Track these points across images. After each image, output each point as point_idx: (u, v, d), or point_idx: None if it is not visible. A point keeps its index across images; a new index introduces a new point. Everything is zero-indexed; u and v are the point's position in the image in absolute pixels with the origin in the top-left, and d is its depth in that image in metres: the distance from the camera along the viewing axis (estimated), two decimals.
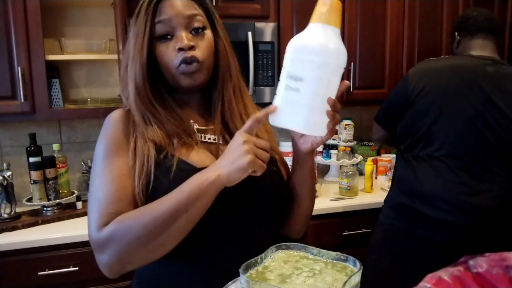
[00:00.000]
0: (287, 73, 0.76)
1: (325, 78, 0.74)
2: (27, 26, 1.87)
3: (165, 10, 0.88)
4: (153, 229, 0.77)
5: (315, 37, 0.74)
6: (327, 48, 0.73)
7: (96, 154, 0.90)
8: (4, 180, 1.88)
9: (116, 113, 0.94)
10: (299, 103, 0.75)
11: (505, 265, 0.57)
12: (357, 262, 0.68)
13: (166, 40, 0.89)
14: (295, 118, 0.77)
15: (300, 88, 0.74)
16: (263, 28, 2.18)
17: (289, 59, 0.76)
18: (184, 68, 0.87)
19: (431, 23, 2.49)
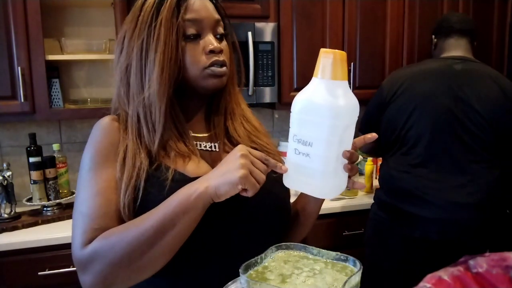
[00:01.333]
0: (293, 136, 0.70)
1: (337, 140, 0.68)
2: (27, 26, 1.87)
3: (196, 10, 0.84)
4: (138, 247, 0.72)
5: (321, 97, 0.67)
6: (336, 109, 0.66)
7: (82, 164, 0.85)
8: (4, 180, 1.88)
9: (105, 120, 0.89)
10: (311, 169, 0.70)
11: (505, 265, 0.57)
12: (357, 262, 0.68)
13: (194, 39, 0.85)
14: (309, 182, 0.72)
15: (310, 153, 0.69)
16: (263, 28, 2.18)
17: (295, 120, 0.70)
18: (215, 69, 0.85)
19: (431, 23, 2.47)
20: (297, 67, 2.29)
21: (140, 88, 0.84)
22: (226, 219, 0.83)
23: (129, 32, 0.86)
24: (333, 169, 0.70)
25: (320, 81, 0.68)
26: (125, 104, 0.88)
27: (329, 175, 0.70)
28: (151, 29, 0.82)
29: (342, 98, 0.67)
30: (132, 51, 0.85)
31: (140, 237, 0.72)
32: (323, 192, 0.72)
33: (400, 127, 1.75)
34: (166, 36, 0.82)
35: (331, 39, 2.33)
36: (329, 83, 0.67)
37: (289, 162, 0.72)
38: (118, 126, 0.87)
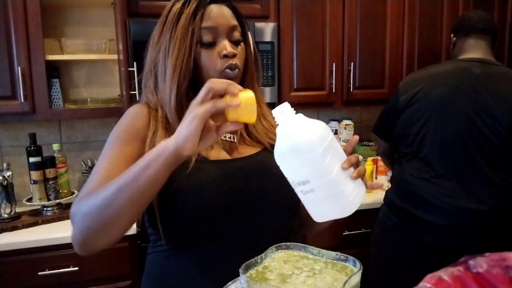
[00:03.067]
0: (292, 182, 0.73)
1: (326, 162, 0.69)
2: (27, 26, 1.87)
3: (213, 17, 0.90)
4: (104, 199, 0.76)
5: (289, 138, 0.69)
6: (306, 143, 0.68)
7: (108, 139, 0.93)
8: (4, 180, 1.88)
9: (136, 107, 0.97)
10: (324, 199, 0.72)
11: (505, 265, 0.57)
12: (357, 262, 0.68)
13: (210, 46, 0.91)
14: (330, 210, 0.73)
15: (313, 187, 0.71)
16: (263, 28, 2.18)
17: (284, 169, 0.73)
18: (228, 73, 0.90)
19: (431, 23, 2.49)
20: (297, 67, 2.28)
21: (163, 87, 0.93)
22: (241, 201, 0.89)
23: (156, 35, 0.95)
24: (342, 186, 0.71)
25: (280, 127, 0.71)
26: (153, 96, 0.96)
27: (342, 193, 0.71)
28: (171, 35, 0.91)
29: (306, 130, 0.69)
30: (158, 54, 0.94)
31: (108, 190, 0.76)
32: (347, 209, 0.73)
33: (416, 132, 1.70)
34: (181, 43, 0.89)
35: (331, 39, 2.33)
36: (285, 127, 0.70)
37: (305, 203, 0.75)
38: (148, 112, 0.95)
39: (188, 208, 0.86)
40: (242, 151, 0.98)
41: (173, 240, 0.90)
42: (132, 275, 1.87)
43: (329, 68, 2.34)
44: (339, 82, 2.37)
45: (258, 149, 0.99)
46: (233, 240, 0.89)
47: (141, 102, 1.00)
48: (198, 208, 0.86)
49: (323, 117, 2.72)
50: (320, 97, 2.33)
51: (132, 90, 1.92)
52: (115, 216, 0.76)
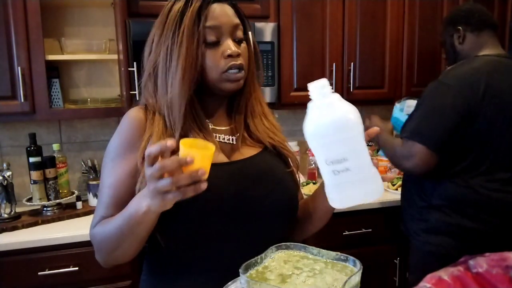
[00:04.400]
0: (325, 160, 0.72)
1: (363, 145, 0.72)
2: (27, 26, 1.87)
3: (216, 17, 0.89)
4: (110, 242, 0.86)
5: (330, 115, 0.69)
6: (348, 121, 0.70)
7: (107, 151, 0.94)
8: (4, 180, 1.88)
9: (134, 111, 0.96)
10: (356, 180, 0.73)
11: (505, 265, 0.57)
12: (357, 262, 0.68)
13: (214, 45, 0.90)
14: (357, 193, 0.74)
15: (348, 167, 0.71)
16: (263, 28, 2.18)
17: (318, 148, 0.72)
18: (232, 73, 0.90)
19: (431, 23, 2.49)
20: (297, 67, 2.28)
21: (165, 89, 0.91)
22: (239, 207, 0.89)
23: (156, 36, 0.92)
24: (373, 170, 0.73)
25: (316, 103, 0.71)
26: (152, 99, 0.94)
27: (373, 177, 0.73)
28: (175, 36, 0.89)
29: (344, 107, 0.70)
30: (158, 55, 0.91)
31: (111, 235, 0.85)
32: (375, 193, 0.74)
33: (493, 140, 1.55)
34: (188, 44, 0.88)
35: (331, 39, 2.33)
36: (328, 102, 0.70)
37: (332, 185, 0.75)
38: (144, 117, 0.94)
39: (184, 211, 0.84)
40: (243, 152, 0.97)
41: (171, 241, 0.90)
42: (132, 275, 1.87)
43: (329, 68, 2.34)
44: (339, 82, 2.37)
45: (258, 149, 0.99)
46: (231, 243, 0.89)
47: (140, 103, 0.99)
48: (194, 212, 0.85)
49: None
50: None
51: (132, 90, 1.92)
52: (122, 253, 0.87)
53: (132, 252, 0.87)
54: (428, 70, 2.52)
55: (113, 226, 0.84)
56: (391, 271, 2.28)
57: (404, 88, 2.50)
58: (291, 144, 2.47)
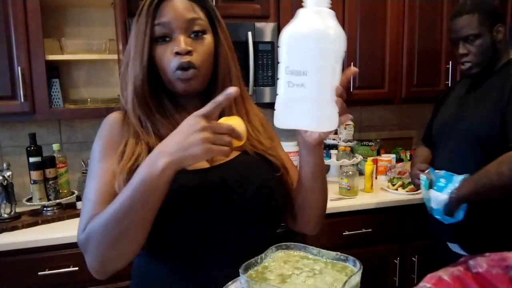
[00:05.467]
0: (286, 68, 0.69)
1: (330, 67, 0.67)
2: (27, 26, 1.87)
3: (165, 12, 0.86)
4: (113, 227, 0.76)
5: (310, 22, 0.67)
6: (326, 31, 0.66)
7: (91, 156, 0.92)
8: (4, 180, 1.88)
9: (113, 115, 0.94)
10: (307, 99, 0.68)
11: (505, 265, 0.57)
12: (357, 262, 0.68)
13: (165, 42, 0.87)
14: (304, 116, 0.70)
15: (304, 82, 0.67)
16: (263, 28, 2.18)
17: (285, 52, 0.69)
18: (179, 73, 0.86)
19: (431, 23, 2.49)
20: None
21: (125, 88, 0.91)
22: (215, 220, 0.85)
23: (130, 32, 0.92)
24: (329, 97, 0.69)
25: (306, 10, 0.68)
26: (125, 102, 0.92)
27: (325, 103, 0.69)
28: (131, 37, 0.89)
29: (330, 21, 0.67)
30: (127, 55, 0.91)
31: (115, 218, 0.76)
32: (320, 123, 0.70)
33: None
34: (137, 43, 0.87)
35: None
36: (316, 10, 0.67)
37: (282, 98, 0.70)
38: (122, 121, 0.92)
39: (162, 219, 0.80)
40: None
41: (152, 248, 0.86)
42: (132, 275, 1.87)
43: None
44: None
45: (237, 153, 0.93)
46: (213, 249, 0.85)
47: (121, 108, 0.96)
48: (174, 220, 0.82)
49: None
50: None
51: None
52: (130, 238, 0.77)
53: (143, 231, 0.78)
54: (428, 70, 2.52)
55: (116, 207, 0.75)
56: (391, 271, 2.28)
57: (404, 88, 2.50)
58: (291, 144, 2.47)
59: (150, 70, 0.89)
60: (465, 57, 1.63)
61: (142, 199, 0.74)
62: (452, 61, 2.52)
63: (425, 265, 2.28)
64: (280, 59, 0.70)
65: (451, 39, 1.70)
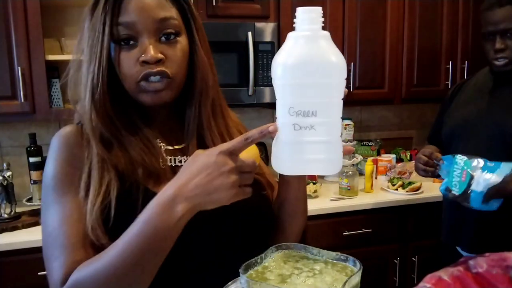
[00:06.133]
0: (289, 109, 0.58)
1: (338, 102, 0.60)
2: (27, 26, 1.87)
3: (130, 9, 0.71)
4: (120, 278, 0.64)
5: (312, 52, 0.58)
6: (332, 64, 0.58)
7: (44, 178, 0.76)
8: (4, 180, 1.88)
9: (66, 130, 0.78)
10: (317, 142, 0.60)
11: (505, 265, 0.57)
12: (357, 262, 0.68)
13: (128, 46, 0.72)
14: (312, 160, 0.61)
15: (314, 124, 0.58)
16: (263, 28, 2.18)
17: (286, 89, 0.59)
18: (144, 85, 0.72)
19: (431, 23, 2.49)
20: None
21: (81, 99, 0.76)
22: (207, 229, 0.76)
23: (78, 37, 0.77)
24: (338, 136, 0.61)
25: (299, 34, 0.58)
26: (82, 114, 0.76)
27: (335, 144, 0.61)
28: (85, 32, 0.74)
29: (331, 48, 0.58)
30: (76, 52, 0.77)
31: (120, 269, 0.63)
32: (329, 167, 0.62)
33: None
34: (94, 43, 0.72)
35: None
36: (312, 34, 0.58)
37: (287, 144, 0.60)
38: (80, 138, 0.76)
39: None
40: None
41: None
42: None
43: None
44: None
45: None
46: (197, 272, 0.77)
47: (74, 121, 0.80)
48: None
49: None
50: None
51: None
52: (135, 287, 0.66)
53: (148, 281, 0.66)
54: (428, 70, 2.52)
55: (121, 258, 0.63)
56: (391, 271, 2.28)
57: (404, 88, 2.50)
58: None
59: (111, 75, 0.74)
60: (502, 53, 1.48)
61: (155, 249, 0.63)
62: (452, 61, 2.52)
63: (425, 265, 2.28)
64: (277, 95, 0.60)
65: (485, 32, 1.52)
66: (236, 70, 2.17)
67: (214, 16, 2.13)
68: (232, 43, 2.13)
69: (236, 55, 2.15)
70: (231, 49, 2.14)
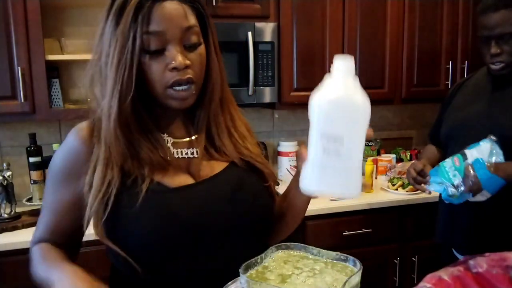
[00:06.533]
0: (322, 134, 0.68)
1: (362, 136, 0.69)
2: (27, 26, 1.87)
3: (158, 19, 0.75)
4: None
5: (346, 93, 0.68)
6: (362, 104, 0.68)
7: (50, 168, 0.86)
8: (4, 180, 1.88)
9: (82, 125, 0.85)
10: (341, 167, 0.68)
11: (505, 265, 0.57)
12: (357, 262, 0.68)
13: (158, 54, 0.77)
14: (335, 183, 0.69)
15: (340, 151, 0.67)
16: (263, 28, 2.18)
17: (324, 117, 0.68)
18: (176, 93, 0.78)
19: (431, 23, 2.49)
20: (297, 67, 2.28)
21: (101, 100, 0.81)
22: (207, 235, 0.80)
23: (100, 30, 0.80)
24: (359, 165, 0.70)
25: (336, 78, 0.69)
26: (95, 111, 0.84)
27: (356, 170, 0.69)
28: (111, 38, 0.76)
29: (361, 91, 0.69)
30: (98, 60, 0.80)
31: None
32: (349, 191, 0.70)
33: None
34: (121, 52, 0.75)
35: (331, 39, 2.33)
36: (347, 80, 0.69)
37: (315, 163, 0.69)
38: (90, 137, 0.82)
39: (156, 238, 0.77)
40: (208, 168, 0.86)
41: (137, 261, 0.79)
42: None
43: (329, 68, 2.33)
44: None
45: (225, 164, 0.87)
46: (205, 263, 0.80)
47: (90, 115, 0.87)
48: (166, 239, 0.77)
49: None
50: None
51: None
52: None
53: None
54: (428, 70, 2.52)
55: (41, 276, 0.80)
56: (391, 271, 2.28)
57: (404, 88, 2.50)
58: (291, 144, 2.47)
59: None
60: (498, 57, 1.46)
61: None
62: (452, 61, 2.52)
63: (425, 265, 2.28)
64: (312, 123, 0.70)
65: (481, 36, 1.51)
66: (236, 70, 2.17)
67: (214, 16, 2.12)
68: (232, 43, 2.13)
69: (236, 55, 2.15)
70: (231, 49, 2.13)
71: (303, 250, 0.75)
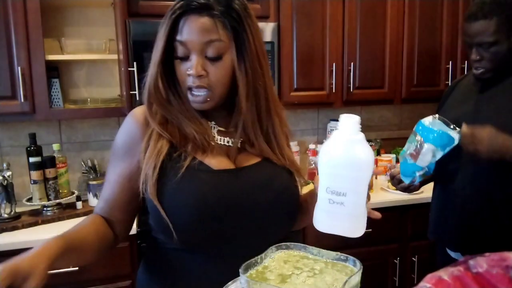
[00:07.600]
0: (326, 188, 0.77)
1: (364, 189, 0.77)
2: (27, 26, 1.87)
3: (184, 30, 0.86)
4: None
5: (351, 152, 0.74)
6: (364, 162, 0.74)
7: (113, 145, 0.97)
8: (4, 180, 1.88)
9: (137, 111, 0.97)
10: (345, 214, 0.77)
11: (505, 265, 0.57)
12: (357, 262, 0.68)
13: (184, 60, 0.89)
14: (341, 226, 0.78)
15: (343, 201, 0.76)
16: (263, 28, 2.17)
17: (326, 173, 0.76)
18: (190, 96, 0.90)
19: (431, 23, 2.49)
20: (297, 67, 2.28)
21: None
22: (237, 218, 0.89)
23: None
24: (362, 212, 0.78)
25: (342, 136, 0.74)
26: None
27: (359, 216, 0.78)
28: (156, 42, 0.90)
29: (365, 149, 0.75)
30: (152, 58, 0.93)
31: None
32: (354, 231, 0.78)
33: None
34: (155, 54, 0.90)
35: (331, 39, 2.33)
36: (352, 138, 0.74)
37: (323, 211, 0.78)
38: (143, 118, 0.94)
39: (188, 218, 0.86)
40: (243, 159, 0.95)
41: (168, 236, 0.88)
42: (132, 275, 1.87)
43: (329, 68, 2.34)
44: (339, 82, 2.37)
45: (258, 159, 0.96)
46: (231, 246, 0.89)
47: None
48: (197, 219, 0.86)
49: (323, 117, 2.72)
50: (320, 97, 2.33)
51: (132, 90, 1.92)
52: None
53: None
54: (428, 70, 2.52)
55: None
56: (391, 271, 2.28)
57: (404, 88, 2.50)
58: (291, 144, 2.47)
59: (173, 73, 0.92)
60: (478, 63, 1.52)
61: None
62: (452, 61, 2.52)
63: (425, 265, 2.28)
64: (320, 176, 0.78)
65: (465, 42, 1.58)
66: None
67: None
68: None
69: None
70: None
71: (303, 250, 0.75)
